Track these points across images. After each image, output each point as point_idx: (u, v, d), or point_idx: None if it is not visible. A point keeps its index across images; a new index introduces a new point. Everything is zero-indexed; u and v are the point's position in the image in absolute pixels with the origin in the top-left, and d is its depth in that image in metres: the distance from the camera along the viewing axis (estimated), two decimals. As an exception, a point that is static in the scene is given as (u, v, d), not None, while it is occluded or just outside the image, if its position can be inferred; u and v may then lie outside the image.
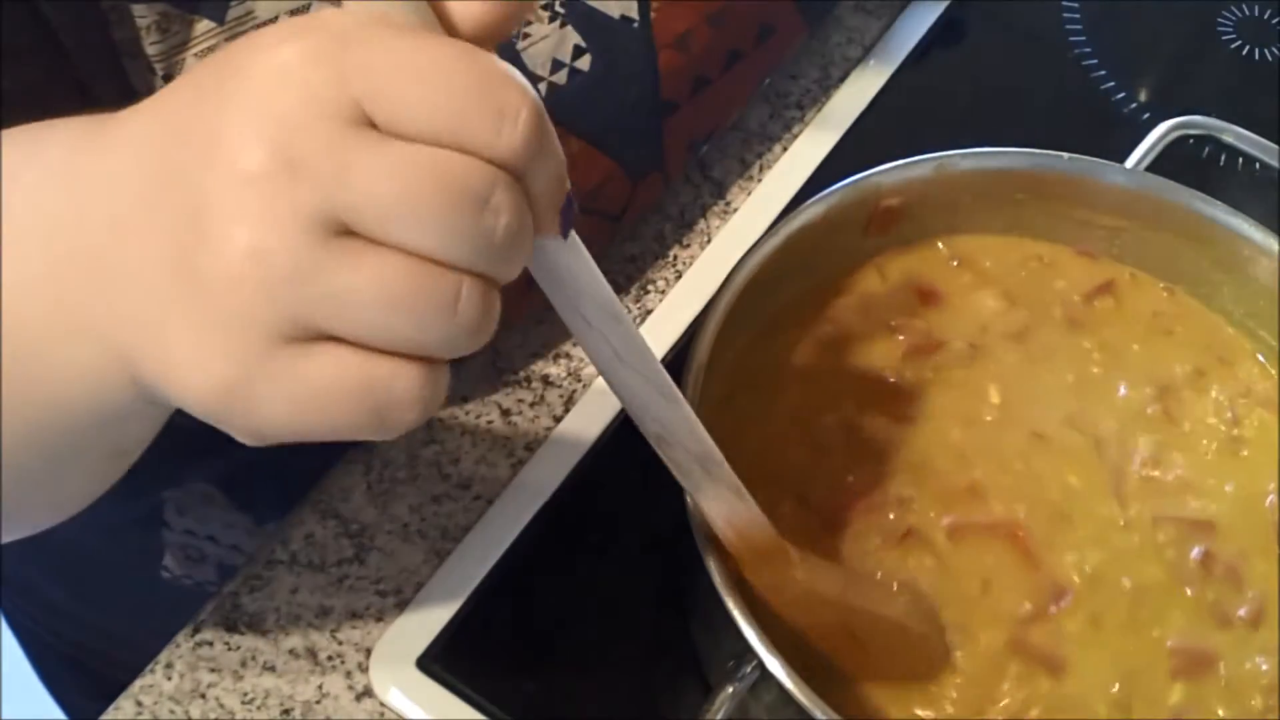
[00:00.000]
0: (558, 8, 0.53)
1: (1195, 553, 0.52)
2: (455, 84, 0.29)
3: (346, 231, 0.29)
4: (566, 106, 0.53)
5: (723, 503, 0.45)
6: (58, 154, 0.35)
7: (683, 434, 0.42)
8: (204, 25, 0.46)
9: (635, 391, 0.40)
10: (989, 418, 0.55)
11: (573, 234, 0.35)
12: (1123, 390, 0.57)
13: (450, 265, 0.30)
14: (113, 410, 0.36)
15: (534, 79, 0.52)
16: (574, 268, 0.36)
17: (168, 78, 0.46)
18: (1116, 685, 0.49)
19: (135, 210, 0.32)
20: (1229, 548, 0.53)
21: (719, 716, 0.44)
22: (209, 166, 0.30)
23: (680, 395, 0.42)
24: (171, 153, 0.31)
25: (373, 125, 0.29)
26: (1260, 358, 0.58)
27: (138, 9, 0.45)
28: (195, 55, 0.46)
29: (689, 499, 0.46)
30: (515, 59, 0.52)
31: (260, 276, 0.29)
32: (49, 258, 0.34)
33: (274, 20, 0.47)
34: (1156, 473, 0.55)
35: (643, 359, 0.39)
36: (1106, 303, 0.59)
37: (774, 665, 0.43)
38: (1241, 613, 0.51)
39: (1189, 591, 0.52)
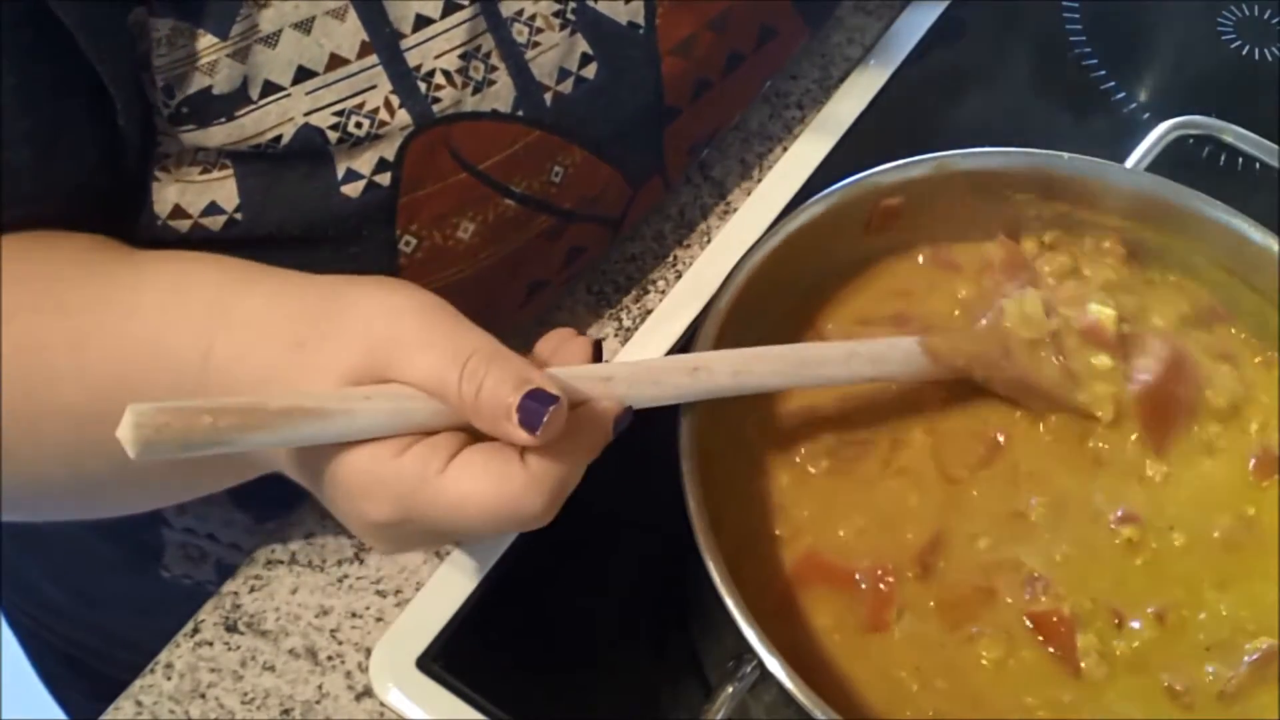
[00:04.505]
0: (569, 15, 0.53)
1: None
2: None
3: None
4: (570, 115, 0.53)
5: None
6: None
7: (764, 372, 0.48)
8: (208, 40, 0.46)
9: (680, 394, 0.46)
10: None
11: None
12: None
13: None
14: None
15: (540, 88, 0.52)
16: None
17: (167, 89, 0.46)
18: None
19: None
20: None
21: (719, 716, 0.44)
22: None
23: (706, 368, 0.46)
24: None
25: None
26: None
27: (153, 22, 0.45)
28: (199, 69, 0.46)
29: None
30: (523, 70, 0.52)
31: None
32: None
33: (277, 32, 0.47)
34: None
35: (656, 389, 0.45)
36: None
37: (774, 665, 0.43)
38: None
39: None
